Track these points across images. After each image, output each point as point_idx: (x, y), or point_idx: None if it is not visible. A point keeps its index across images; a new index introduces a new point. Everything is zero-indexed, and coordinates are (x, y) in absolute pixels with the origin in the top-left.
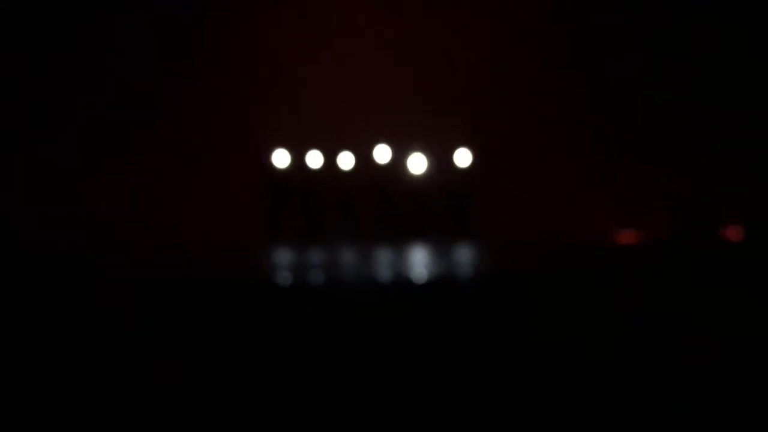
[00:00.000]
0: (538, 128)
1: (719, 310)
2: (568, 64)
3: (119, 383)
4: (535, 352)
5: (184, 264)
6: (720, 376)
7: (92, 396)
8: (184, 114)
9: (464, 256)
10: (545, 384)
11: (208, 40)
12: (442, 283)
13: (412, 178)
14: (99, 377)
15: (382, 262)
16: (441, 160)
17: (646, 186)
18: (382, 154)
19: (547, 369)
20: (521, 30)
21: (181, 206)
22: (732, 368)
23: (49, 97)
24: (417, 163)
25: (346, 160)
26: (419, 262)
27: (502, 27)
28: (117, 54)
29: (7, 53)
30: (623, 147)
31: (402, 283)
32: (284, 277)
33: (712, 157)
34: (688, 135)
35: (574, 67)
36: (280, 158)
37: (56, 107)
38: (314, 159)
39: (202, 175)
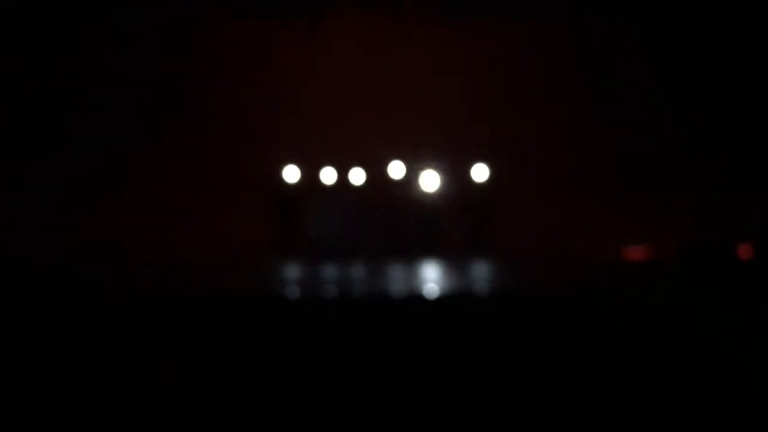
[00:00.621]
0: (554, 144)
1: (729, 327)
2: (583, 82)
3: (128, 398)
4: (547, 367)
5: (193, 279)
6: (729, 393)
7: (102, 412)
8: (196, 128)
9: (478, 271)
10: (556, 399)
11: (218, 55)
12: (454, 298)
13: (426, 194)
14: (109, 393)
15: (394, 278)
16: (457, 175)
17: (658, 202)
18: (396, 170)
19: (559, 384)
20: (537, 50)
21: (191, 221)
22: (740, 385)
23: (51, 106)
24: (430, 180)
25: (358, 176)
26: (431, 277)
27: (517, 46)
28: (124, 62)
29: (6, 55)
30: (637, 163)
31: (413, 298)
32: (293, 291)
33: (722, 175)
34: (701, 154)
35: (588, 84)
36: (291, 174)
37: (60, 118)
38: (327, 175)
39: (212, 190)
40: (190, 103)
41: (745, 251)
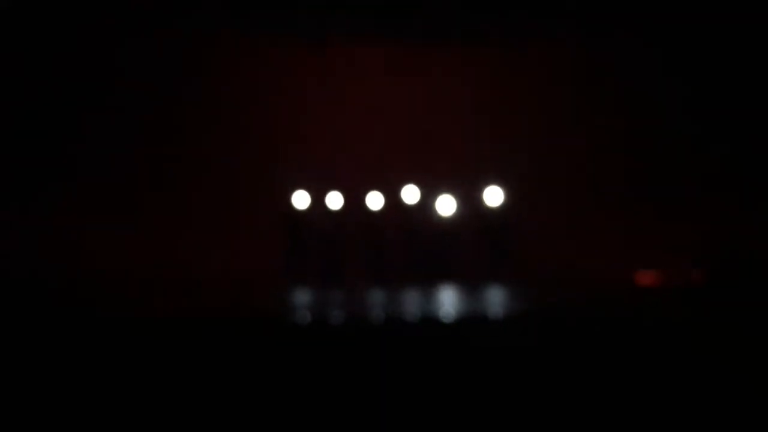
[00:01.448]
0: (567, 166)
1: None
2: (597, 104)
3: (131, 423)
4: (560, 394)
5: (201, 303)
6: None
7: None
8: (205, 152)
9: (494, 296)
10: (570, 425)
11: (226, 76)
12: (469, 322)
13: (441, 218)
14: (115, 418)
15: (408, 302)
16: (471, 199)
17: (675, 226)
18: (410, 194)
19: (573, 411)
20: (546, 72)
21: (199, 246)
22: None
23: (56, 120)
24: (445, 205)
25: (371, 201)
26: (447, 301)
27: (527, 71)
28: (129, 86)
29: (6, 60)
30: (654, 186)
31: (428, 322)
32: (303, 316)
33: (738, 199)
34: (715, 178)
35: (603, 107)
36: (300, 199)
37: (65, 136)
38: (336, 200)
39: (219, 211)
40: (200, 129)
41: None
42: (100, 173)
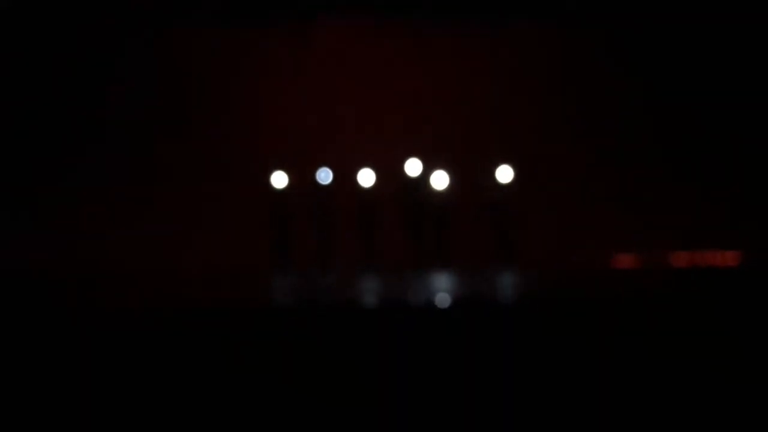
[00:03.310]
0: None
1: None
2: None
3: (122, 413)
4: (557, 379)
5: (187, 292)
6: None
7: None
8: (191, 136)
9: (495, 279)
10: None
11: (214, 65)
12: (466, 307)
13: (439, 195)
14: (103, 409)
15: (406, 286)
16: (482, 177)
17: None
18: (409, 170)
19: (568, 395)
20: (530, 58)
21: (184, 233)
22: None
23: (46, 116)
24: (442, 180)
25: (363, 178)
26: (444, 285)
27: (509, 53)
28: (118, 85)
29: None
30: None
31: (425, 307)
32: (295, 300)
33: (714, 184)
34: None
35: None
36: (282, 179)
37: (54, 130)
38: (326, 177)
39: (206, 200)
40: (185, 113)
41: (732, 258)
42: (85, 170)
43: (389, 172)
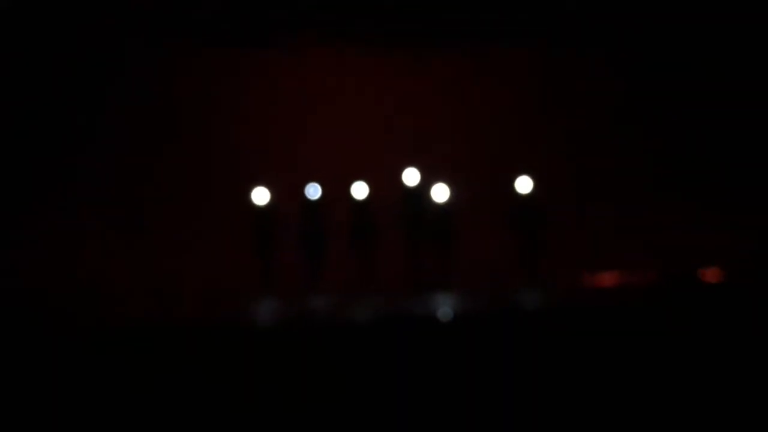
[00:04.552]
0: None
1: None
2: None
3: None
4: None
5: (175, 312)
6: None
7: None
8: (178, 159)
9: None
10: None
11: (208, 85)
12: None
13: (439, 206)
14: (88, 424)
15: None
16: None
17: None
18: (410, 178)
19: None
20: (514, 77)
21: (171, 251)
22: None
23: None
24: (442, 192)
25: (356, 191)
26: (444, 302)
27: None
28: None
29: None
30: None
31: (426, 321)
32: (278, 320)
33: (693, 203)
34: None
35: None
36: (260, 196)
37: (40, 150)
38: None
39: (193, 217)
40: (176, 132)
41: (712, 275)
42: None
43: (383, 185)
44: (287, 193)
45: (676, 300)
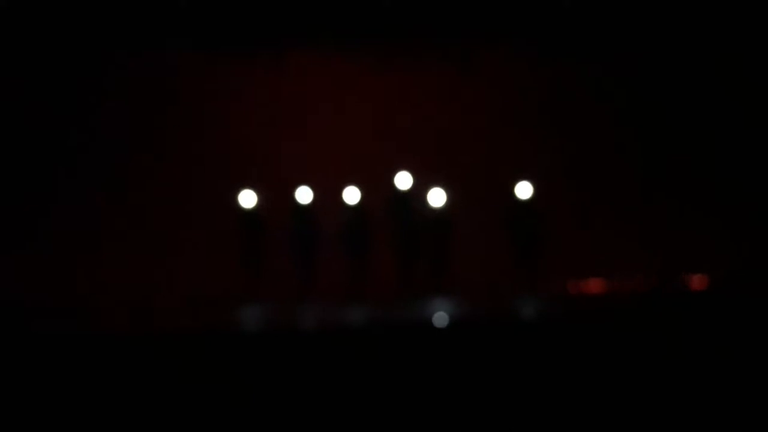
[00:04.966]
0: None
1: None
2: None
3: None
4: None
5: (162, 320)
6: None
7: None
8: (164, 164)
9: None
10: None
11: (194, 94)
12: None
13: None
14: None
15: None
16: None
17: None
18: (403, 182)
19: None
20: (507, 85)
21: (156, 258)
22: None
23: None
24: (438, 196)
25: (348, 196)
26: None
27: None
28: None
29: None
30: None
31: (421, 327)
32: (265, 327)
33: (681, 209)
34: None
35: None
36: (248, 199)
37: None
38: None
39: (180, 222)
40: (163, 142)
41: (699, 282)
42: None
43: (375, 189)
44: (275, 196)
45: (662, 307)
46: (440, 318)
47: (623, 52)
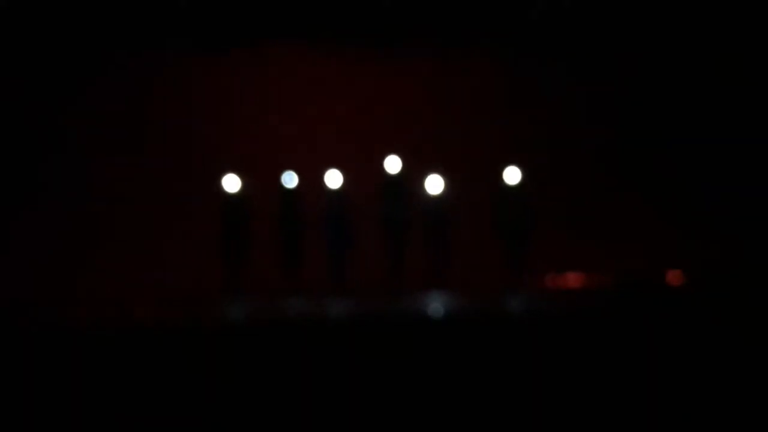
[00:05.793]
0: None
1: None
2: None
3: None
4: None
5: (145, 313)
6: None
7: None
8: (149, 158)
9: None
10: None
11: (177, 87)
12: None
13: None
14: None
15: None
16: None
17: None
18: (392, 166)
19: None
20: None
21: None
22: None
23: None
24: (435, 184)
25: (330, 179)
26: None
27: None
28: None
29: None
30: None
31: (416, 319)
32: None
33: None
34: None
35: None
36: (231, 183)
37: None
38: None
39: (164, 215)
40: (148, 134)
41: (674, 278)
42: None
43: (361, 174)
44: (260, 183)
45: (637, 303)
46: (435, 310)
47: (606, 50)
